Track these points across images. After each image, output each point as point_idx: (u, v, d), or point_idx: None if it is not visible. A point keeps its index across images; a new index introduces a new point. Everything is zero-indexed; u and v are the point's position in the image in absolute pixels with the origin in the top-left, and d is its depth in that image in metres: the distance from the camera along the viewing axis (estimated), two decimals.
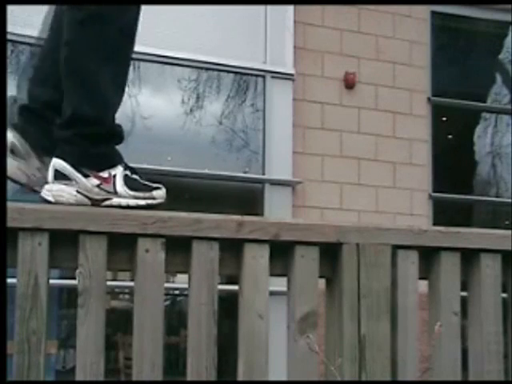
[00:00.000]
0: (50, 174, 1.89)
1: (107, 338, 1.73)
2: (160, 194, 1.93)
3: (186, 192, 5.62)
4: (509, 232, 2.06)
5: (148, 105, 5.63)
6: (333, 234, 1.91)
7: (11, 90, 5.18)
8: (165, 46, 5.33)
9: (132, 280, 1.79)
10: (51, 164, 1.90)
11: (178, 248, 1.80)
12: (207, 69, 5.59)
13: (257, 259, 1.83)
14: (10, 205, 1.67)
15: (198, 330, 1.77)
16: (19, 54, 5.23)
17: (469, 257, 2.03)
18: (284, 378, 1.86)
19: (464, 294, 2.03)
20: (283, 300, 1.90)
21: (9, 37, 4.33)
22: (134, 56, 1.99)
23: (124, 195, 1.90)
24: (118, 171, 1.92)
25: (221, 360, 1.81)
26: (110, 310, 7.29)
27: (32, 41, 5.04)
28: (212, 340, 1.77)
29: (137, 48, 1.98)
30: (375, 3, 5.91)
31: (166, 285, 1.83)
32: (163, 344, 1.75)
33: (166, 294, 2.34)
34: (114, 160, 1.94)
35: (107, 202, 1.88)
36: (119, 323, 7.53)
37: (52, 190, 1.87)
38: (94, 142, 1.90)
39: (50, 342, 5.20)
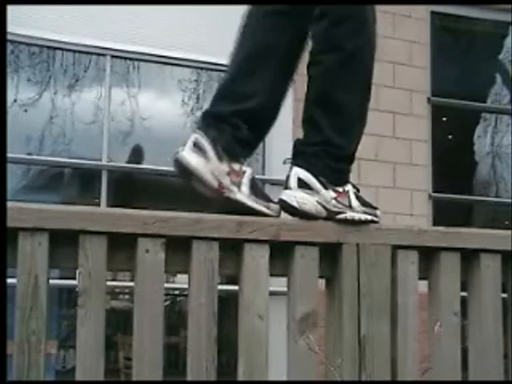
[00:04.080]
0: (293, 181, 1.96)
1: (107, 338, 1.73)
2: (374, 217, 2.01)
3: (187, 192, 5.62)
4: (509, 232, 2.06)
5: (148, 105, 5.63)
6: (333, 234, 1.91)
7: (11, 90, 5.19)
8: (164, 46, 5.32)
9: (132, 280, 1.79)
10: (293, 172, 1.97)
11: (178, 248, 1.79)
12: (207, 69, 5.58)
13: (257, 259, 1.83)
14: (9, 205, 1.67)
15: (197, 330, 1.77)
16: (19, 53, 5.23)
17: (469, 257, 2.03)
18: (284, 378, 1.86)
19: (464, 294, 2.03)
20: (283, 300, 1.90)
21: (9, 37, 4.33)
22: (132, 56, 1.99)
23: (357, 210, 1.97)
24: (350, 188, 2.01)
25: (221, 360, 1.81)
26: (109, 310, 7.29)
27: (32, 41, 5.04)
28: (212, 340, 1.77)
29: (136, 48, 1.97)
30: (375, 3, 5.90)
31: (166, 285, 1.83)
32: (163, 344, 1.75)
33: (166, 294, 2.34)
34: (348, 177, 2.04)
35: (341, 216, 1.95)
36: (119, 323, 7.52)
37: (296, 197, 1.93)
38: (338, 159, 2.00)
39: (49, 342, 5.20)
